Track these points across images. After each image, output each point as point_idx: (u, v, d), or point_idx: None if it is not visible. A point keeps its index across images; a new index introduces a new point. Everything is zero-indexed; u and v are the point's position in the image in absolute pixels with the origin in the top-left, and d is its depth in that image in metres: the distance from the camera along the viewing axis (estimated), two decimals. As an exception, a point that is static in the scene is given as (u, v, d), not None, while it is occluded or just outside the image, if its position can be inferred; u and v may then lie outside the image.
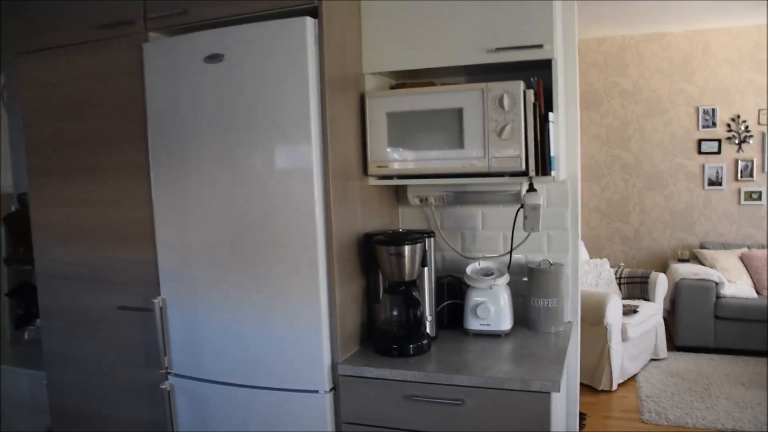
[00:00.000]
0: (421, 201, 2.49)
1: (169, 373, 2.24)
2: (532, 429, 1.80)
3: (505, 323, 2.23)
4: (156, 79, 2.12)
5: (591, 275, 5.02)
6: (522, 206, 2.15)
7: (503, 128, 1.99)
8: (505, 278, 2.26)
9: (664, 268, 5.71)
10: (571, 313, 2.41)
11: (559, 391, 1.77)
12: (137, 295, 2.26)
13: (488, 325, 2.22)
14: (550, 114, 2.00)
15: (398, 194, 2.56)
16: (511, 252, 2.36)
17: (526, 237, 2.33)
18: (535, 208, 2.08)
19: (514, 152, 2.00)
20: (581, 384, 4.35)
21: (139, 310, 2.26)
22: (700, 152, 5.91)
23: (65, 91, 2.32)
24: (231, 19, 2.02)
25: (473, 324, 2.24)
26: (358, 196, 2.19)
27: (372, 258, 2.16)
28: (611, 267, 5.30)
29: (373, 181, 2.24)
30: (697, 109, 5.89)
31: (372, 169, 2.19)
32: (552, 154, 2.01)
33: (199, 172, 2.09)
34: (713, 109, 5.83)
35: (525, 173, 2.02)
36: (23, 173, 3.30)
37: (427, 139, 2.11)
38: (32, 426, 2.91)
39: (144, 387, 2.30)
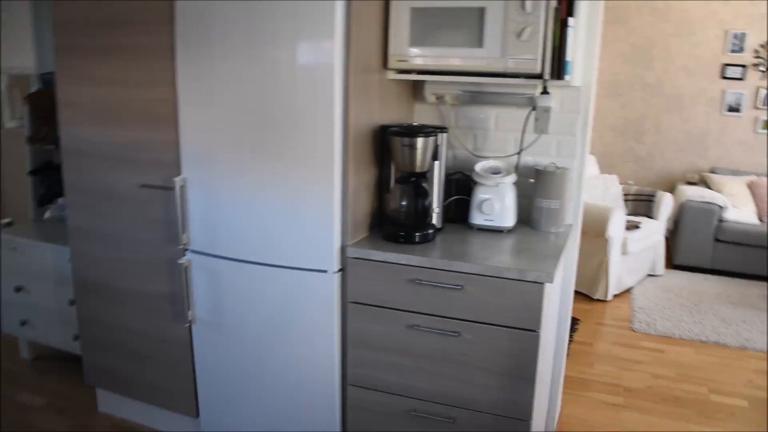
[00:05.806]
0: (437, 98, 2.54)
1: (186, 250, 2.38)
2: (525, 316, 1.94)
3: (508, 220, 2.33)
4: (182, -41, 2.13)
5: (599, 189, 5.09)
6: (534, 108, 2.20)
7: (523, 30, 2.01)
8: (512, 177, 2.34)
9: (671, 190, 5.77)
10: (572, 217, 2.50)
11: (552, 282, 1.89)
12: (159, 175, 2.36)
13: (492, 220, 2.33)
14: (570, 19, 2.02)
15: (415, 91, 2.61)
16: (520, 153, 2.43)
17: (536, 139, 2.39)
18: (547, 110, 2.14)
19: (531, 54, 2.02)
20: (578, 292, 4.58)
21: (161, 188, 2.37)
22: (723, 77, 5.83)
23: (91, -32, 2.33)
24: None
25: (478, 219, 2.35)
26: (377, 89, 2.23)
27: (386, 149, 2.24)
28: (620, 184, 5.36)
29: (392, 75, 2.28)
30: (726, 33, 5.74)
31: (392, 62, 2.23)
32: (568, 58, 2.04)
33: (224, 58, 2.13)
34: (743, 34, 5.69)
35: (540, 76, 2.06)
36: (46, 53, 3.35)
37: (448, 37, 2.14)
38: (55, 297, 3.10)
39: (163, 262, 2.45)
